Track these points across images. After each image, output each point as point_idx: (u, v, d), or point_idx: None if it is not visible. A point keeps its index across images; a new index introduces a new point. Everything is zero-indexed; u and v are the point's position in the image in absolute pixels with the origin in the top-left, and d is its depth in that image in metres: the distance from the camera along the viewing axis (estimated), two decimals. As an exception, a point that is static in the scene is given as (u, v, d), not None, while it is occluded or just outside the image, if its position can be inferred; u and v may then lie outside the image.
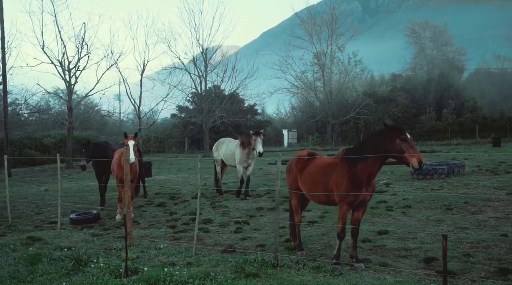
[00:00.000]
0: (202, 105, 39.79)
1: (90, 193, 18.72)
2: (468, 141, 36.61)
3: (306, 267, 7.51)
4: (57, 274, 7.72)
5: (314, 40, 49.71)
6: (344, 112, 49.40)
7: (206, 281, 6.89)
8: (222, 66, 41.98)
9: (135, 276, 7.43)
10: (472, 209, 11.75)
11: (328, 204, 8.34)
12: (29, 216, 13.70)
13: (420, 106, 49.29)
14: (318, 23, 49.68)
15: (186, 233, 10.71)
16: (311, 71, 55.29)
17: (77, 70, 31.97)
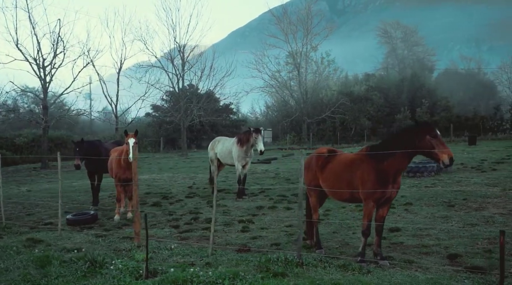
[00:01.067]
0: (180, 104, 39.29)
1: (77, 193, 18.26)
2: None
3: (331, 265, 7.41)
4: (72, 277, 7.42)
5: (290, 39, 49.77)
6: (319, 111, 49.64)
7: (236, 281, 6.72)
8: (199, 65, 41.61)
9: (158, 277, 7.21)
10: (473, 205, 11.90)
11: (351, 202, 8.29)
12: (19, 217, 13.20)
13: (394, 105, 49.98)
14: (293, 22, 49.75)
15: (192, 233, 10.49)
16: (286, 71, 55.38)
17: (52, 68, 31.12)
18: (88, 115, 37.43)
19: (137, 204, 9.54)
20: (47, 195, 17.97)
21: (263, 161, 27.82)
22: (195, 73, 41.43)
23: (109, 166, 12.90)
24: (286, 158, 31.23)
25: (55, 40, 31.34)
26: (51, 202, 15.69)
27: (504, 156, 22.68)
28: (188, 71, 41.04)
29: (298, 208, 7.86)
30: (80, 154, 13.41)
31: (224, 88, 42.59)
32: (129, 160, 11.40)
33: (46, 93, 31.35)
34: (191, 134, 44.71)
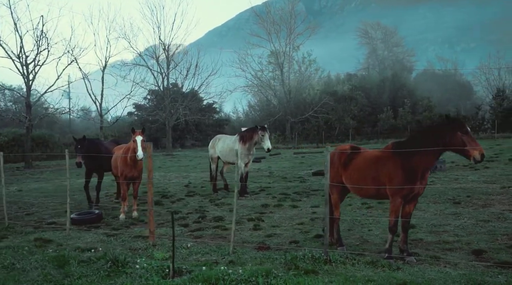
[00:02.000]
0: (165, 102, 38.92)
1: (71, 192, 17.84)
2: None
3: (359, 262, 7.38)
4: (96, 276, 7.25)
5: (273, 38, 49.80)
6: (302, 110, 49.79)
7: (269, 279, 6.63)
8: (184, 63, 41.25)
9: (185, 276, 7.08)
10: (478, 202, 12.04)
11: (376, 198, 8.28)
12: (19, 217, 12.88)
13: (375, 105, 50.47)
14: (277, 22, 49.79)
15: (204, 231, 10.37)
16: (268, 70, 55.38)
17: (36, 65, 30.47)
18: (71, 113, 36.65)
19: (151, 202, 9.38)
20: (39, 194, 17.62)
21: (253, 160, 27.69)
22: (180, 71, 41.09)
23: (113, 164, 12.66)
24: (274, 157, 31.21)
25: (38, 37, 30.70)
26: (47, 202, 15.41)
27: (492, 154, 23.08)
28: (173, 69, 40.64)
29: (325, 204, 7.81)
30: (81, 152, 13.11)
31: (209, 87, 42.33)
32: (137, 158, 11.22)
33: (29, 91, 30.69)
34: (175, 133, 44.34)
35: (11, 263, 8.04)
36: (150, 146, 9.60)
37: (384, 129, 43.83)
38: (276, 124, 51.61)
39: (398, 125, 44.02)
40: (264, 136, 14.05)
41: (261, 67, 53.79)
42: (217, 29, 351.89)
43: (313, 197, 14.31)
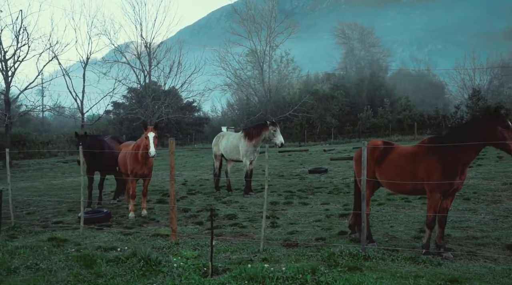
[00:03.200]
0: (147, 101, 38.35)
1: (65, 190, 17.44)
2: (407, 138, 38.32)
3: (398, 258, 7.34)
4: (131, 276, 7.02)
5: (253, 37, 49.70)
6: (282, 109, 49.83)
7: (317, 276, 6.51)
8: (166, 61, 40.72)
9: (226, 274, 6.92)
10: (486, 198, 12.19)
11: (412, 194, 8.25)
12: (20, 217, 12.44)
13: (354, 104, 50.89)
14: (258, 21, 49.72)
15: (221, 229, 10.20)
16: (246, 69, 55.28)
17: (16, 61, 29.57)
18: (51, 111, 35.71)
19: (173, 200, 9.16)
20: (32, 193, 17.12)
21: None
22: (163, 69, 40.58)
23: (121, 162, 12.32)
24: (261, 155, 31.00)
25: (17, 32, 29.83)
26: (43, 201, 14.94)
27: (479, 152, 23.44)
28: (155, 67, 40.10)
29: (362, 200, 7.73)
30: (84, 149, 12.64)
31: (192, 85, 41.90)
32: (149, 154, 10.95)
33: (8, 87, 29.78)
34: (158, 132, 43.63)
35: (34, 263, 7.71)
36: (173, 142, 9.38)
37: (365, 128, 44.24)
38: (255, 122, 51.47)
39: (379, 124, 44.49)
40: (276, 131, 13.86)
41: (240, 65, 53.63)
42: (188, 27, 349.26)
43: (318, 194, 14.25)
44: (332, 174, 18.86)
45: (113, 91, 35.44)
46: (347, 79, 55.82)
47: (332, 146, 35.47)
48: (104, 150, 13.12)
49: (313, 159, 25.81)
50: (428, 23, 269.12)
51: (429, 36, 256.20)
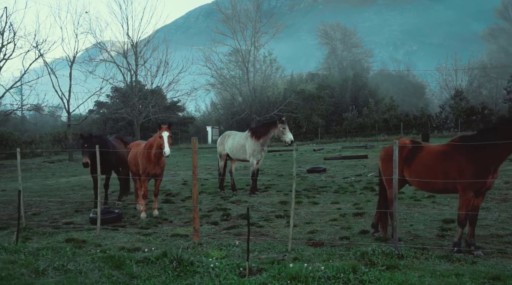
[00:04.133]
0: (134, 100, 37.92)
1: (63, 191, 17.13)
2: (393, 137, 38.78)
3: (431, 256, 7.39)
4: (166, 277, 6.93)
5: (238, 36, 49.65)
6: (267, 109, 49.87)
7: (359, 275, 6.51)
8: (152, 60, 40.31)
9: (264, 273, 6.87)
10: (494, 197, 12.39)
11: (443, 192, 8.31)
12: (27, 218, 12.12)
13: (338, 104, 51.21)
14: (243, 20, 49.69)
15: (238, 229, 10.13)
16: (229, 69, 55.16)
17: (1, 60, 28.90)
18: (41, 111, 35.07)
19: (196, 200, 9.08)
20: (30, 194, 16.69)
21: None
22: (149, 68, 40.17)
23: (132, 162, 12.14)
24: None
25: (2, 29, 29.17)
26: (44, 202, 14.65)
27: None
28: (142, 66, 39.68)
29: (394, 199, 7.76)
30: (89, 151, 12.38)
31: (179, 84, 41.57)
32: (164, 154, 10.80)
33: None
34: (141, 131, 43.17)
35: (61, 265, 7.55)
36: (195, 141, 9.28)
37: (352, 128, 44.55)
38: (240, 122, 51.41)
39: (366, 124, 44.86)
40: (285, 128, 13.85)
41: (226, 65, 53.52)
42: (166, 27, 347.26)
43: (324, 193, 14.28)
44: (331, 173, 18.93)
45: (101, 91, 34.97)
46: (331, 79, 56.15)
47: (320, 146, 35.64)
48: (108, 150, 12.91)
49: (306, 159, 25.87)
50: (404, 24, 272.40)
51: (405, 37, 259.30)
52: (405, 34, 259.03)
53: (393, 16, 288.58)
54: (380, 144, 35.28)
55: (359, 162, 22.33)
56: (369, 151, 28.55)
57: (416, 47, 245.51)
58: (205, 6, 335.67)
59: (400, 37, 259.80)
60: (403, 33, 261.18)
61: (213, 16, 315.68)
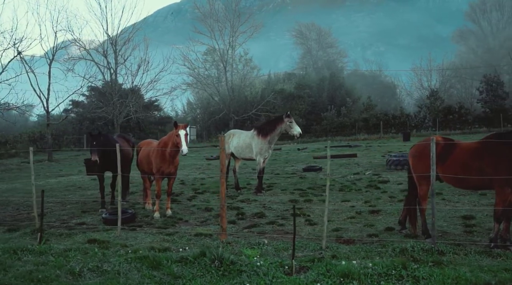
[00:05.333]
0: (114, 99, 37.24)
1: (58, 191, 16.69)
2: (374, 136, 39.26)
3: (471, 252, 7.47)
4: (211, 276, 6.85)
5: (216, 36, 49.46)
6: (245, 108, 49.80)
7: (409, 271, 6.52)
8: (133, 59, 39.70)
9: (309, 271, 6.83)
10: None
11: (477, 189, 8.41)
12: (33, 219, 11.79)
13: (315, 104, 51.50)
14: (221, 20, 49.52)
15: (260, 227, 10.06)
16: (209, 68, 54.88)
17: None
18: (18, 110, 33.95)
19: (224, 199, 8.95)
20: (26, 195, 16.18)
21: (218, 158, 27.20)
22: (130, 67, 39.55)
23: (144, 160, 11.91)
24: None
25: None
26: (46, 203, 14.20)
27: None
28: (122, 65, 39.03)
29: (431, 196, 7.82)
30: (98, 149, 12.09)
31: (159, 83, 41.10)
32: (181, 153, 10.61)
33: (-30, 84, 28.16)
34: (117, 131, 42.47)
35: (96, 266, 7.35)
36: (223, 138, 9.15)
37: (332, 127, 44.85)
38: (218, 122, 51.18)
39: (345, 123, 45.24)
40: (292, 122, 13.81)
41: (203, 64, 53.23)
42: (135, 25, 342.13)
43: (329, 192, 14.24)
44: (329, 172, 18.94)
45: (81, 89, 34.22)
46: (308, 79, 56.46)
47: (304, 145, 35.76)
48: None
49: (295, 158, 25.92)
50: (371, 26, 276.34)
51: (372, 38, 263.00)
52: (372, 36, 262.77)
53: (360, 17, 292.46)
54: (362, 143, 35.69)
55: (350, 160, 22.48)
56: (355, 149, 28.83)
57: (384, 48, 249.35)
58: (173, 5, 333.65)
59: (367, 38, 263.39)
60: (371, 34, 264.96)
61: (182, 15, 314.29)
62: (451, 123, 42.80)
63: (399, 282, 6.27)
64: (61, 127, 43.26)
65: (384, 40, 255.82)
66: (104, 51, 38.80)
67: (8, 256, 8.04)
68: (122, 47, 39.65)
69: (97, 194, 15.58)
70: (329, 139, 40.47)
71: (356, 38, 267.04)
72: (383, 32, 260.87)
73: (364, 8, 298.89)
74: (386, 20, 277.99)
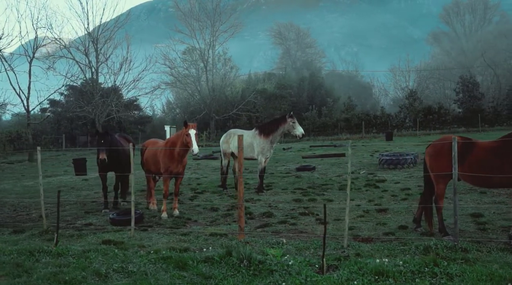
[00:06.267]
0: (96, 98, 36.67)
1: (50, 192, 16.31)
2: (355, 136, 39.61)
3: (493, 249, 7.59)
4: (242, 276, 6.81)
5: (197, 35, 49.25)
6: (225, 108, 49.69)
7: (442, 268, 6.58)
8: (114, 58, 39.16)
9: (341, 270, 6.85)
10: (499, 192, 12.81)
11: (497, 187, 8.53)
12: (35, 220, 11.59)
13: (295, 104, 51.71)
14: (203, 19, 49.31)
15: (272, 227, 10.04)
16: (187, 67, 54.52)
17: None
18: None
19: (242, 198, 8.91)
20: (20, 196, 15.87)
21: (207, 157, 27.09)
22: (111, 66, 39.00)
23: (150, 160, 11.76)
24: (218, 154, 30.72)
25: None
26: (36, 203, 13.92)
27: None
28: (103, 63, 38.46)
29: (453, 194, 7.93)
30: (105, 148, 11.92)
31: (142, 82, 40.63)
32: (192, 152, 10.52)
33: None
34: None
35: (121, 267, 7.26)
36: (242, 137, 9.11)
37: (315, 127, 45.06)
38: (198, 122, 50.83)
39: (328, 123, 45.51)
40: (295, 122, 13.83)
41: (185, 64, 52.89)
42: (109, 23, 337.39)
43: (329, 191, 14.36)
44: (321, 171, 19.07)
45: (62, 88, 33.55)
46: (288, 79, 56.64)
47: (288, 145, 35.86)
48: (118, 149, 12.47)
49: (283, 158, 25.97)
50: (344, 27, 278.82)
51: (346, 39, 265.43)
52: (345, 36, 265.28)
53: (334, 18, 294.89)
54: (344, 142, 35.93)
55: (340, 160, 22.64)
56: (340, 149, 29.05)
57: (357, 49, 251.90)
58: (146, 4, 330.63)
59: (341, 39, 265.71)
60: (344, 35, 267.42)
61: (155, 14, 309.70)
62: (431, 123, 43.53)
63: (433, 280, 6.32)
64: (39, 127, 42.39)
65: (357, 41, 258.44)
66: (85, 49, 38.18)
67: (26, 258, 7.86)
68: (103, 45, 39.07)
69: (93, 194, 15.41)
70: (312, 139, 40.80)
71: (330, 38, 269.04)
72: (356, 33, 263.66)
73: (338, 9, 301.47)
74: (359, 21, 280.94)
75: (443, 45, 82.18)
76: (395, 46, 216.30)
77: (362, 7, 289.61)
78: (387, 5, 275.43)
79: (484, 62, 61.03)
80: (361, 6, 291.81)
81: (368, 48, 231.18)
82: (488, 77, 63.24)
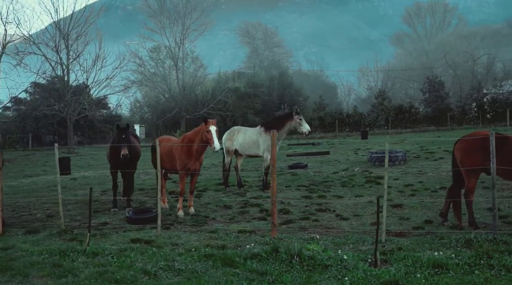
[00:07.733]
0: (67, 96, 35.61)
1: (42, 192, 15.80)
2: (329, 135, 40.00)
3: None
4: (297, 271, 6.82)
5: (167, 33, 48.69)
6: (195, 107, 49.29)
7: (496, 260, 6.68)
8: (86, 55, 38.14)
9: (395, 264, 6.92)
10: (502, 187, 13.17)
11: None
12: (43, 220, 11.18)
13: (266, 103, 51.76)
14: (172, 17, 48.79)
15: (296, 223, 10.01)
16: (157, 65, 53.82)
17: None
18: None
19: (275, 194, 8.81)
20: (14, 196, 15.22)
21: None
22: (82, 63, 37.98)
23: (165, 157, 11.42)
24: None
25: None
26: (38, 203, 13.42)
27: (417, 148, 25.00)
28: (74, 60, 37.42)
29: (492, 188, 8.06)
30: (127, 143, 11.53)
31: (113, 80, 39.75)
32: (213, 149, 10.31)
33: None
34: (64, 129, 40.65)
35: (167, 265, 7.12)
36: (275, 134, 9.02)
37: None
38: (168, 121, 50.23)
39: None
40: (302, 120, 13.81)
41: (155, 61, 52.15)
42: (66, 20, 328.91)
43: (333, 188, 14.39)
44: (314, 169, 19.12)
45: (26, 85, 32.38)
46: (258, 78, 56.62)
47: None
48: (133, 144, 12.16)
49: (267, 156, 25.86)
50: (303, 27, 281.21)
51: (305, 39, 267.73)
52: (304, 37, 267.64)
53: (293, 18, 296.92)
54: (320, 141, 36.17)
55: (328, 158, 22.76)
56: (319, 147, 29.29)
57: (316, 49, 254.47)
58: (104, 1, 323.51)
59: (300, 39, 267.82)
60: (303, 35, 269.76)
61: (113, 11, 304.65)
62: (402, 122, 44.44)
63: (492, 271, 6.42)
64: (4, 126, 40.90)
65: (316, 42, 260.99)
66: (56, 45, 37.05)
67: (60, 258, 7.54)
68: (74, 42, 38.03)
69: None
70: (286, 138, 40.88)
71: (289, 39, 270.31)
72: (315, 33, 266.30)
73: (297, 10, 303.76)
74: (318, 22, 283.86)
75: (405, 46, 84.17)
76: (354, 47, 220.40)
77: (321, 8, 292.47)
78: (345, 6, 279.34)
79: (445, 63, 62.87)
80: (320, 6, 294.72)
81: (328, 48, 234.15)
82: (448, 78, 65.08)
